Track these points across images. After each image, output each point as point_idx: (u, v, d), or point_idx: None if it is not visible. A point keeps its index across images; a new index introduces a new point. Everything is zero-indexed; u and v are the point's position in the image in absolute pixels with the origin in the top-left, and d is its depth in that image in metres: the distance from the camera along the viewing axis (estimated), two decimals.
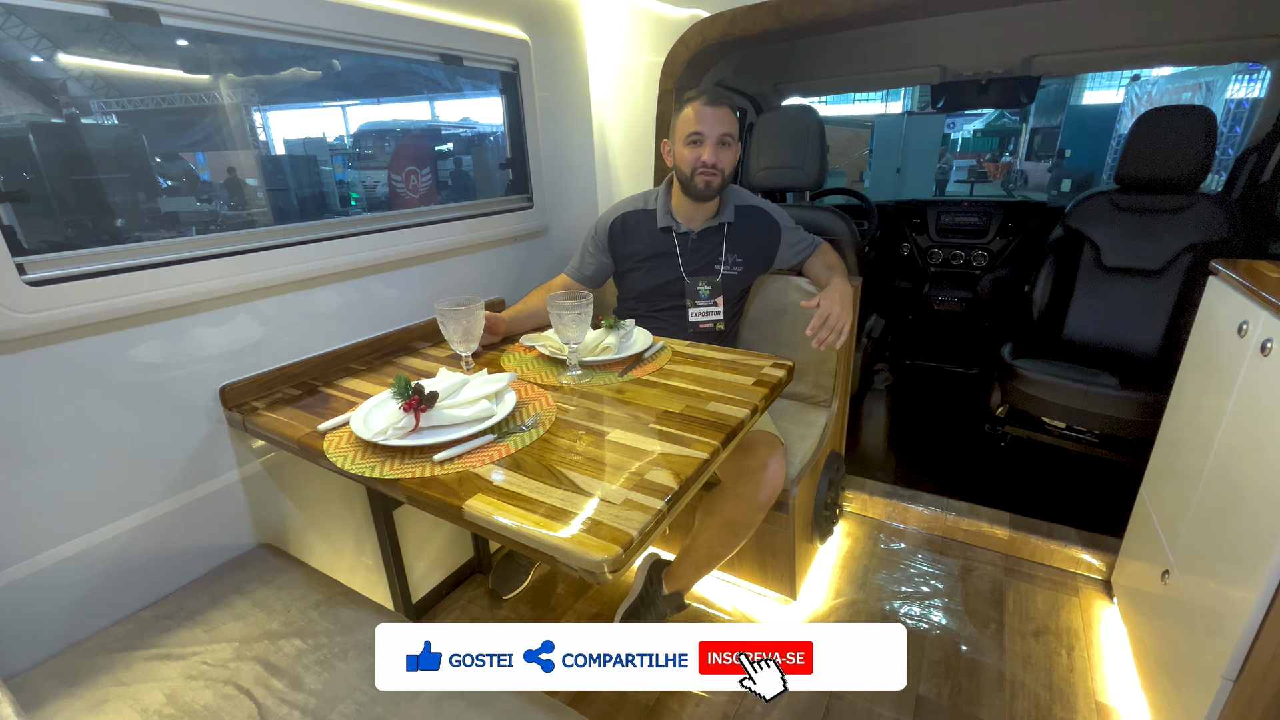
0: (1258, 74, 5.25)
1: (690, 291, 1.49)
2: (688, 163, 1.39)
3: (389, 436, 0.87)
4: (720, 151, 1.37)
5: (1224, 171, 2.36)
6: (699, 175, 1.38)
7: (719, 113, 1.36)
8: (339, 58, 2.16)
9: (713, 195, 1.42)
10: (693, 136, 1.37)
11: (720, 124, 1.36)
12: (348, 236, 1.26)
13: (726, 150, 1.38)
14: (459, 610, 1.59)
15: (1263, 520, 0.90)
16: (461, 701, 0.82)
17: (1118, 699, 1.29)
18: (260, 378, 1.14)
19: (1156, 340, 2.00)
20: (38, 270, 0.87)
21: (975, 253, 2.95)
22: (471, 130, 3.00)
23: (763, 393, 1.04)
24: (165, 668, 0.88)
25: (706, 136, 1.36)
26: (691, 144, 1.38)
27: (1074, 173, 8.17)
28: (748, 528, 1.27)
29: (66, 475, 0.92)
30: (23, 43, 1.75)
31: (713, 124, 1.35)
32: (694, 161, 1.38)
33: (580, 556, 0.65)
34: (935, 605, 1.57)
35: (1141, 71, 7.55)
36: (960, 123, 11.39)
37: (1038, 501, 1.93)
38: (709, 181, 1.39)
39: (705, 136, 1.36)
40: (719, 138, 1.36)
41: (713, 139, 1.36)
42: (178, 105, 2.46)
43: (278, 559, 1.12)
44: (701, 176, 1.38)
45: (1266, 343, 0.96)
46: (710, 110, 1.36)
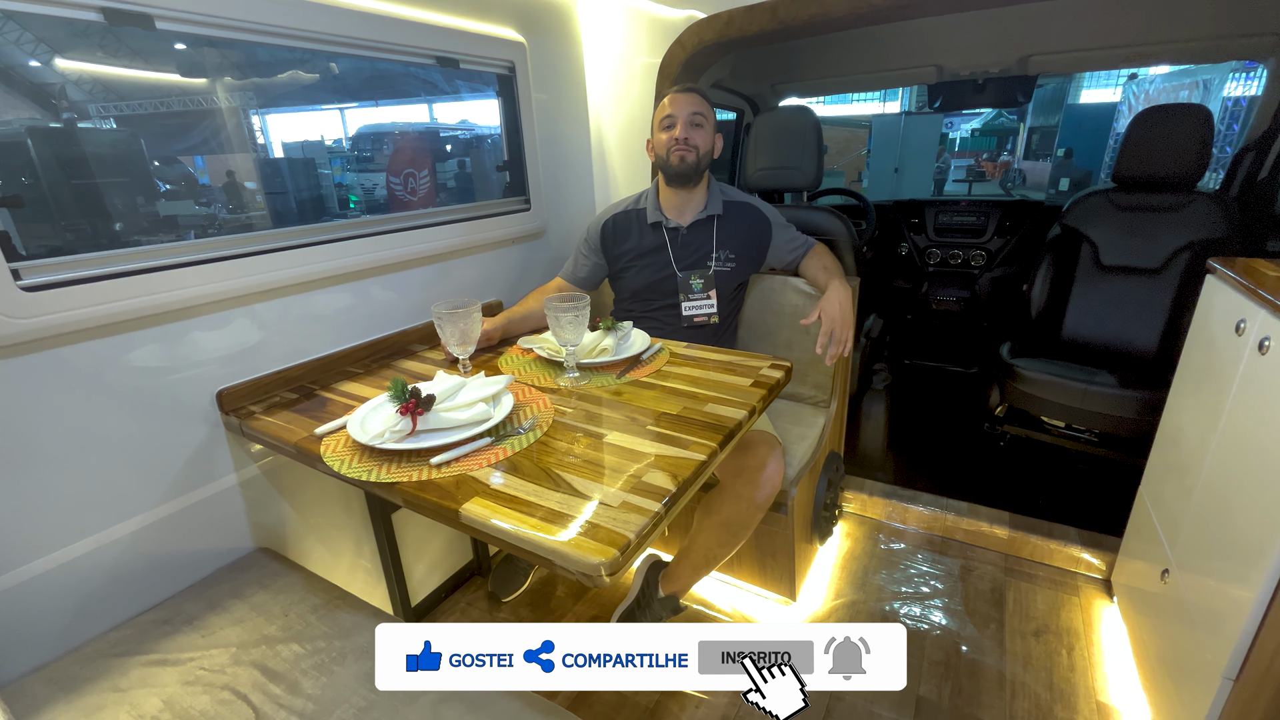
0: (1254, 72, 5.26)
1: (683, 286, 1.50)
2: (664, 144, 1.44)
3: (386, 440, 0.87)
4: (693, 130, 1.42)
5: (1221, 170, 2.36)
6: (674, 153, 1.43)
7: (689, 97, 1.44)
8: (336, 61, 2.16)
9: (690, 171, 1.44)
10: (666, 121, 1.44)
11: (690, 105, 1.42)
12: (345, 240, 1.26)
13: (699, 130, 1.43)
14: (458, 613, 1.59)
15: (1263, 518, 0.90)
16: (460, 705, 0.82)
17: (1118, 698, 1.29)
18: (257, 381, 1.14)
19: (1155, 339, 2.00)
20: (33, 275, 0.87)
21: (973, 252, 2.95)
22: (469, 133, 3.01)
23: (761, 393, 1.04)
24: (162, 673, 0.87)
25: (678, 116, 1.42)
26: (666, 127, 1.44)
27: (1072, 171, 8.18)
28: (746, 528, 1.27)
29: (63, 480, 0.92)
30: (20, 47, 1.75)
31: (683, 106, 1.42)
32: (668, 141, 1.43)
33: (577, 559, 0.65)
34: (935, 605, 1.56)
35: (1139, 70, 7.56)
36: (958, 122, 11.41)
37: (1037, 501, 1.93)
38: (683, 156, 1.42)
39: (677, 117, 1.42)
40: (689, 117, 1.42)
41: (683, 118, 1.42)
42: (176, 109, 2.46)
43: (276, 563, 1.12)
44: (676, 153, 1.43)
45: (1264, 341, 0.96)
46: (681, 95, 1.44)
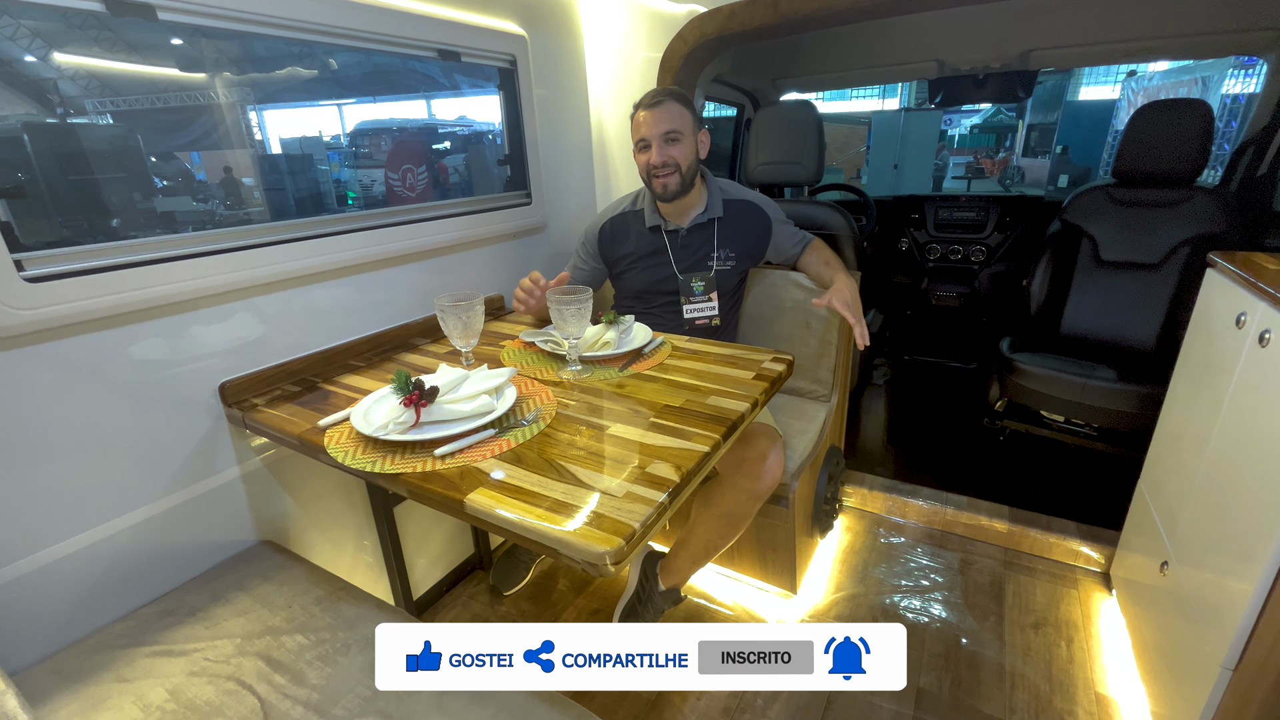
0: (1254, 69, 5.26)
1: (684, 289, 1.49)
2: (643, 169, 1.43)
3: (390, 432, 0.87)
4: (668, 149, 1.38)
5: (1220, 166, 2.36)
6: (654, 180, 1.41)
7: (659, 112, 1.37)
8: (335, 56, 2.16)
9: (675, 194, 1.42)
10: (640, 144, 1.41)
11: (661, 123, 1.36)
12: (347, 233, 1.26)
13: (677, 145, 1.39)
14: (460, 606, 1.59)
15: (1262, 511, 0.91)
16: (464, 695, 0.82)
17: (1117, 690, 1.29)
18: (260, 374, 1.14)
19: (1154, 333, 2.00)
20: (36, 266, 0.87)
21: (973, 248, 2.96)
22: (468, 129, 3.00)
23: (763, 387, 1.04)
24: (167, 664, 0.88)
25: (650, 139, 1.38)
26: (641, 150, 1.41)
27: (1071, 168, 8.19)
28: (745, 519, 1.27)
29: (67, 472, 0.92)
30: (16, 42, 1.74)
31: (653, 125, 1.37)
32: (645, 167, 1.41)
33: (582, 548, 0.65)
34: (935, 599, 1.57)
35: (1138, 67, 7.57)
36: (957, 119, 11.41)
37: (1037, 495, 1.94)
38: (665, 184, 1.40)
39: (649, 139, 1.38)
40: (663, 135, 1.37)
41: (656, 139, 1.37)
42: (173, 104, 2.45)
43: (279, 555, 1.12)
44: (657, 180, 1.41)
45: (1265, 333, 0.96)
46: (649, 113, 1.37)
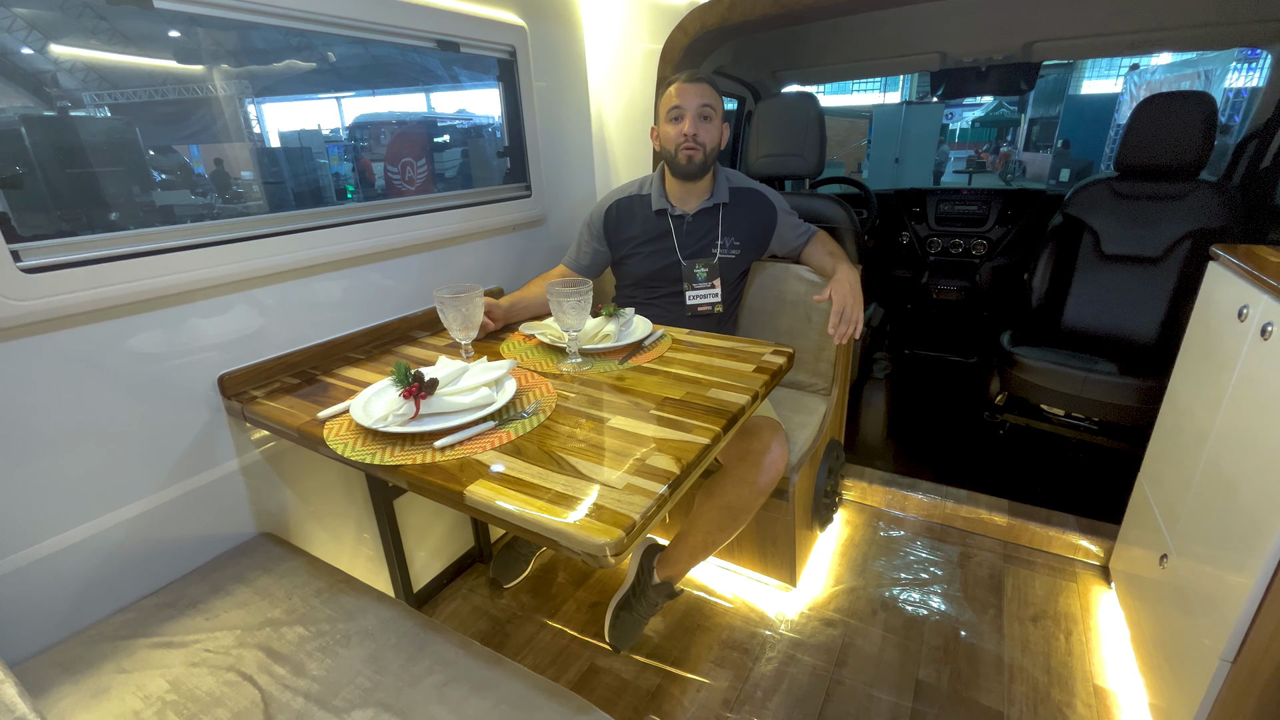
0: (1256, 62, 5.23)
1: (687, 274, 1.49)
2: (671, 140, 1.42)
3: (389, 424, 0.87)
4: (701, 125, 1.39)
5: (1221, 160, 2.35)
6: (682, 150, 1.41)
7: (698, 87, 1.39)
8: (334, 48, 2.14)
9: (697, 171, 1.43)
10: (674, 112, 1.40)
11: (699, 96, 1.38)
12: (346, 225, 1.26)
13: (708, 124, 1.40)
14: (460, 599, 1.59)
15: (1261, 504, 0.91)
16: (465, 686, 0.82)
17: (1115, 682, 1.30)
18: (259, 366, 1.13)
19: (1155, 327, 2.00)
20: (34, 257, 0.86)
21: (974, 241, 2.95)
22: (468, 122, 2.98)
23: (763, 379, 1.04)
24: (167, 655, 0.88)
25: (686, 109, 1.38)
26: (673, 120, 1.41)
27: (1073, 162, 8.16)
28: (747, 512, 1.27)
29: (66, 464, 0.92)
30: (12, 34, 1.73)
31: (692, 97, 1.38)
32: (676, 137, 1.41)
33: (582, 540, 0.65)
34: (934, 591, 1.57)
35: (1140, 60, 7.53)
36: (959, 113, 11.35)
37: (1036, 488, 1.94)
38: (691, 156, 1.40)
39: (685, 109, 1.39)
40: (698, 109, 1.38)
41: (692, 111, 1.38)
42: (171, 97, 2.43)
43: (279, 548, 1.12)
44: (684, 151, 1.41)
45: (1267, 326, 0.96)
46: (690, 86, 1.39)
